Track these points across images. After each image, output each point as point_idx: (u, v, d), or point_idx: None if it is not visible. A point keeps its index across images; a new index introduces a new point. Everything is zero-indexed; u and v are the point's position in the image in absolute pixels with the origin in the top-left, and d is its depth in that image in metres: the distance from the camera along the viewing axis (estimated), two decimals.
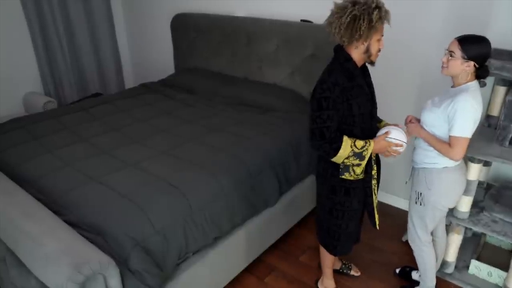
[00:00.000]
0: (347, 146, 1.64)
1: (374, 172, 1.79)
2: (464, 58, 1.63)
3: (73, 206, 1.78)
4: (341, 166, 1.74)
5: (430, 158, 1.81)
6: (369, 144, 1.67)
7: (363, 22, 1.54)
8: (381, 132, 1.75)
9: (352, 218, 1.88)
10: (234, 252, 2.13)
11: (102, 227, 1.65)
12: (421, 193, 1.88)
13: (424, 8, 2.37)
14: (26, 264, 1.46)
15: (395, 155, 1.75)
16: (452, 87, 1.76)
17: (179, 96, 3.18)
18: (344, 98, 1.63)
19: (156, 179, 1.93)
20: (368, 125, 1.75)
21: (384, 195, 3.00)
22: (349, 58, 1.65)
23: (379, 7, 1.56)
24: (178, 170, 2.02)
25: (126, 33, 4.44)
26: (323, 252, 2.08)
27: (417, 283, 2.20)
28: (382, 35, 1.65)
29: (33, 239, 1.47)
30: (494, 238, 2.37)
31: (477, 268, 2.19)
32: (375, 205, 1.86)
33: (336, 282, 2.25)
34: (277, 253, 2.50)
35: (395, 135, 1.71)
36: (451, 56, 1.66)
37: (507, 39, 2.11)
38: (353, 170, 1.74)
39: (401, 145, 1.72)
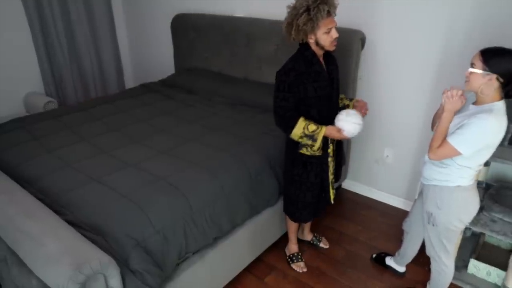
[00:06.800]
0: (300, 127, 1.85)
1: (330, 150, 2.00)
2: (485, 71, 1.47)
3: (73, 206, 1.78)
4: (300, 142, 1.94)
5: (442, 175, 1.68)
6: (320, 130, 1.86)
7: (292, 28, 1.78)
8: (338, 117, 1.86)
9: (309, 189, 2.08)
10: (234, 252, 2.14)
11: (102, 227, 1.65)
12: (431, 213, 1.76)
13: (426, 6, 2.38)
14: (27, 264, 1.47)
15: (349, 137, 1.88)
16: (473, 103, 1.60)
17: (179, 96, 3.18)
18: (300, 82, 1.83)
19: (156, 179, 1.94)
20: (326, 107, 1.94)
21: (384, 195, 3.01)
22: (307, 48, 1.85)
23: (308, 9, 1.70)
24: (178, 170, 2.02)
25: (127, 33, 4.45)
26: (288, 220, 2.31)
27: (391, 268, 2.34)
28: (331, 27, 1.77)
29: (34, 238, 1.48)
30: (493, 237, 2.38)
31: (476, 267, 2.20)
32: (330, 181, 2.07)
33: (337, 282, 2.26)
34: (277, 253, 2.50)
35: (348, 124, 1.83)
36: (471, 67, 1.51)
37: None
38: (310, 147, 1.94)
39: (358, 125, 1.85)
